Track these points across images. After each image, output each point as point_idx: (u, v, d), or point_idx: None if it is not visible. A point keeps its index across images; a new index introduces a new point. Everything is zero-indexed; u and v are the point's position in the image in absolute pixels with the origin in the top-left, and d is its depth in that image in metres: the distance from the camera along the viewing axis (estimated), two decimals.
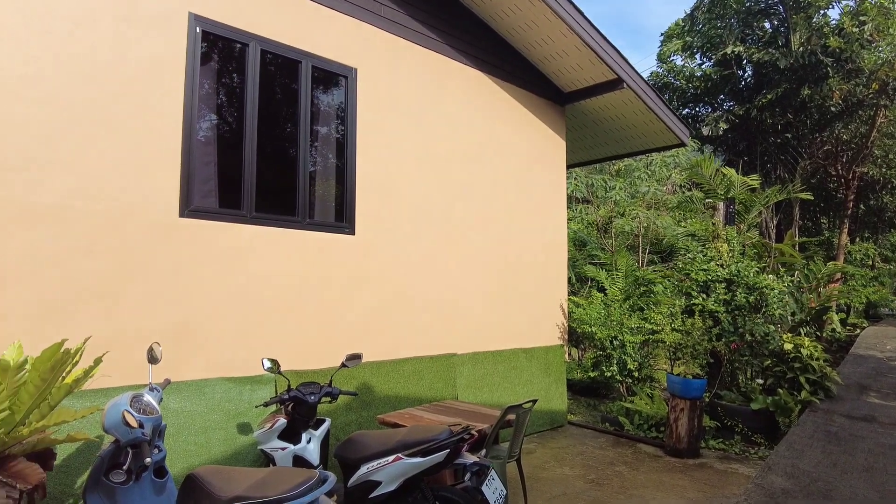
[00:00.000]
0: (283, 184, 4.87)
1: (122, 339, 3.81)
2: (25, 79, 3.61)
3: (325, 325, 4.94)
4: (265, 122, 4.74)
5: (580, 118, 7.95)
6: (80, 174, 3.77)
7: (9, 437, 2.45)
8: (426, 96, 5.90)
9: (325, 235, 4.99)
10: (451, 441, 3.35)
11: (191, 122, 4.26)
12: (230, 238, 4.41)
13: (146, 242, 4.02)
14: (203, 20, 4.34)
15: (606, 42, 6.45)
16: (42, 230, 3.62)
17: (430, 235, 5.86)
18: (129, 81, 4.00)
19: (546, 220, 7.25)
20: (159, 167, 4.11)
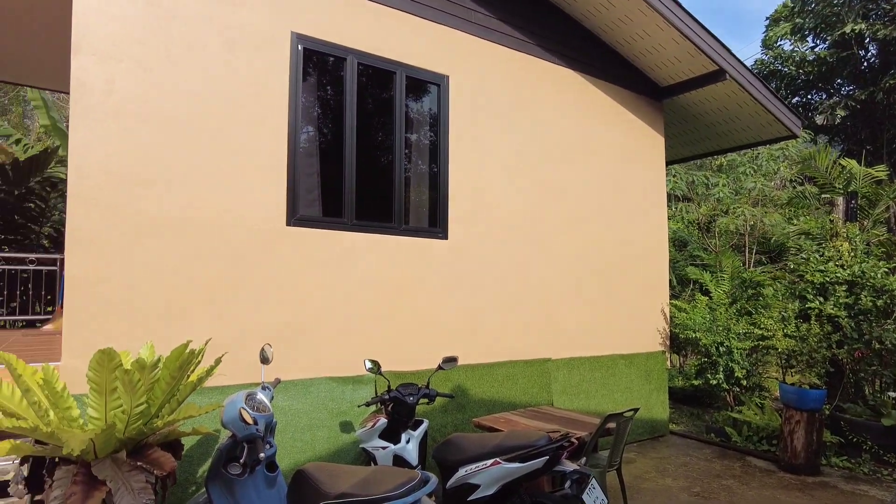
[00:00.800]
0: (380, 191, 5.04)
1: (235, 340, 4.11)
2: (149, 103, 3.99)
3: (420, 328, 5.05)
4: (363, 132, 4.93)
5: (679, 113, 7.58)
6: (196, 188, 4.12)
7: (146, 428, 2.72)
8: (517, 98, 5.88)
9: (420, 240, 5.11)
10: (551, 448, 3.31)
11: (295, 136, 4.51)
12: (332, 244, 4.63)
13: (256, 249, 4.30)
14: (304, 38, 4.58)
15: (706, 32, 6.11)
16: (165, 240, 3.98)
17: (524, 238, 5.82)
18: (238, 100, 4.31)
19: (645, 220, 6.98)
20: (268, 179, 4.39)
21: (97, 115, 3.80)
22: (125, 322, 3.79)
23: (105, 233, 3.79)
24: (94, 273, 3.74)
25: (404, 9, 5.15)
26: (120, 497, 2.51)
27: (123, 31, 3.91)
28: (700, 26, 6.04)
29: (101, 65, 3.84)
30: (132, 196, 3.89)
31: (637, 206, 6.91)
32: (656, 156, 7.19)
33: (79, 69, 3.78)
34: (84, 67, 3.79)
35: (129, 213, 3.87)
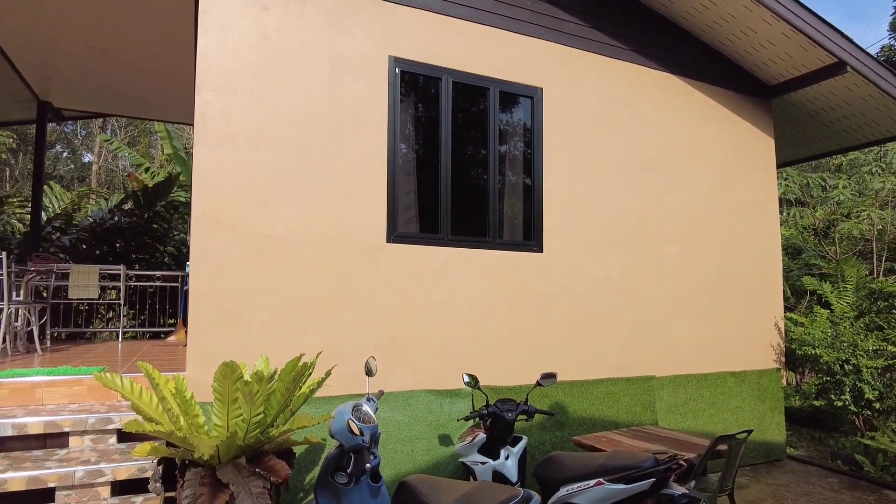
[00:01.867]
0: (475, 205, 5.09)
1: (340, 352, 4.29)
2: (261, 130, 4.29)
3: (517, 343, 5.03)
4: (457, 148, 5.02)
5: (790, 112, 7.05)
6: (303, 207, 4.37)
7: (263, 437, 2.91)
8: (614, 106, 5.73)
9: (515, 254, 5.10)
10: (658, 469, 3.17)
11: (394, 155, 4.68)
12: (430, 260, 4.74)
13: (359, 266, 4.49)
14: (401, 61, 4.75)
15: (822, 22, 5.64)
16: (276, 257, 4.25)
17: (624, 249, 5.64)
18: (341, 123, 4.53)
19: (754, 227, 6.54)
20: (369, 197, 4.57)
21: (216, 144, 4.15)
22: (241, 335, 4.08)
23: (224, 251, 4.11)
24: (214, 289, 4.06)
25: (496, 25, 5.20)
26: (241, 500, 2.69)
27: (238, 65, 4.25)
28: (814, 16, 5.60)
29: (220, 98, 4.19)
30: (247, 216, 4.20)
31: (746, 213, 6.48)
32: (766, 158, 6.72)
33: (201, 104, 4.15)
34: (206, 102, 4.16)
35: (244, 232, 4.17)
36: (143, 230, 9.26)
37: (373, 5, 4.72)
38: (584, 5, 5.68)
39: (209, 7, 4.22)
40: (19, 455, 3.44)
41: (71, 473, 3.18)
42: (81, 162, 25.11)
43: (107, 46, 6.28)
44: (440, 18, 4.97)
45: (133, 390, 2.99)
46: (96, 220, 9.11)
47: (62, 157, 25.26)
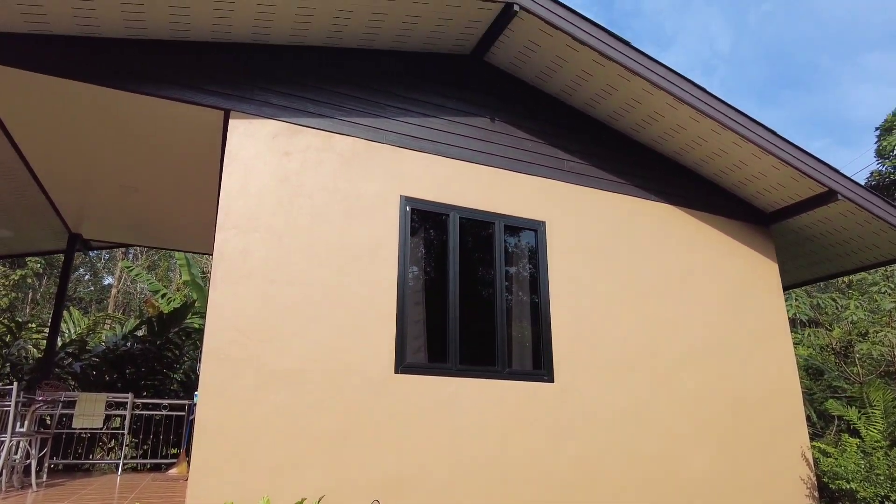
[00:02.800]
0: (483, 335, 5.13)
1: (345, 492, 4.12)
2: (277, 266, 4.48)
3: (528, 480, 4.81)
4: (465, 280, 5.16)
5: (790, 237, 7.25)
6: (312, 340, 4.42)
7: None
8: (617, 237, 5.95)
9: (525, 384, 5.04)
10: None
11: (403, 287, 4.82)
12: (438, 391, 4.69)
13: (366, 398, 4.45)
14: (412, 199, 5.05)
15: (807, 155, 5.99)
16: (283, 392, 4.24)
17: (635, 378, 5.56)
18: (353, 258, 4.73)
19: (768, 352, 6.45)
20: (378, 329, 4.64)
21: (233, 279, 4.32)
22: (244, 472, 3.97)
23: (232, 384, 4.11)
24: (220, 423, 4.01)
25: (500, 165, 5.58)
26: None
27: (259, 206, 4.54)
28: (799, 150, 5.95)
29: (239, 236, 4.42)
30: (257, 350, 4.25)
31: (758, 338, 6.44)
32: (772, 283, 6.80)
33: (221, 241, 4.38)
34: (226, 240, 4.39)
35: (254, 366, 4.20)
36: (154, 356, 9.29)
37: (386, 151, 5.12)
38: (582, 145, 6.11)
39: (235, 153, 4.60)
40: None
41: None
42: (101, 285, 25.79)
43: (139, 186, 6.74)
44: (448, 161, 5.35)
45: None
46: (109, 347, 9.20)
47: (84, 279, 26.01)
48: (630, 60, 5.33)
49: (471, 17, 5.23)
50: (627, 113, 6.08)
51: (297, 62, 5.07)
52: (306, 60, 5.11)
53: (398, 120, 5.27)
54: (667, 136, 6.24)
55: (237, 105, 4.72)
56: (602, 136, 6.31)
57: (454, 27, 5.34)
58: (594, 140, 6.23)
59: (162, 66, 4.59)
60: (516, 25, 5.29)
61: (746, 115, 5.77)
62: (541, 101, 6.11)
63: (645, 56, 5.40)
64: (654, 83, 5.43)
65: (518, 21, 5.21)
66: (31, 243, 8.87)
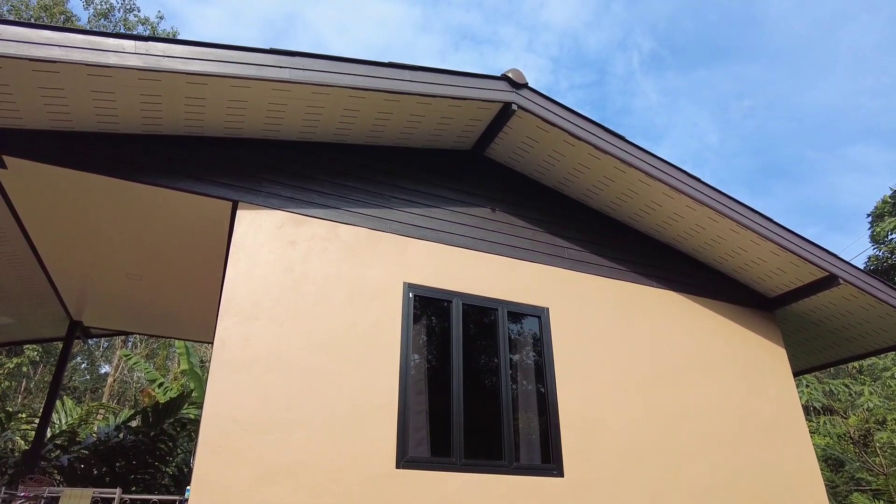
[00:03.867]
0: (488, 425, 4.97)
1: None
2: (278, 354, 4.42)
3: None
4: (469, 366, 5.08)
5: (795, 322, 7.20)
6: (312, 431, 4.28)
7: None
8: (619, 323, 5.92)
9: (533, 480, 4.82)
10: None
11: (406, 375, 4.73)
12: (441, 487, 4.48)
13: (366, 495, 4.24)
14: (415, 286, 5.08)
15: (805, 241, 6.08)
16: (279, 487, 4.04)
17: (646, 470, 5.32)
18: (355, 345, 4.68)
19: (784, 442, 6.20)
20: (379, 419, 4.51)
21: (232, 368, 4.25)
22: None
23: (227, 478, 3.94)
24: None
25: (501, 253, 5.65)
26: None
27: (262, 293, 4.56)
28: (796, 235, 6.05)
29: (241, 324, 4.41)
30: (255, 442, 4.10)
31: (772, 427, 6.22)
32: (781, 368, 6.67)
33: (223, 329, 4.36)
34: (227, 328, 4.37)
35: (250, 458, 4.04)
36: (147, 449, 8.95)
37: (390, 239, 5.21)
38: (581, 233, 6.22)
39: (241, 242, 4.68)
40: None
41: None
42: (98, 374, 25.34)
43: (143, 274, 6.81)
44: (450, 249, 5.43)
45: None
46: (100, 438, 8.88)
47: (80, 368, 25.58)
48: (624, 153, 5.54)
49: (471, 116, 5.51)
50: (625, 203, 6.24)
51: (304, 156, 5.27)
52: (314, 154, 5.32)
53: (402, 210, 5.40)
54: (665, 224, 6.36)
55: (245, 196, 4.87)
56: (601, 224, 6.44)
57: (455, 125, 5.61)
58: (593, 228, 6.35)
59: (175, 160, 4.78)
60: (514, 123, 5.55)
61: (741, 202, 5.92)
62: (540, 191, 6.29)
63: (639, 149, 5.62)
64: (649, 174, 5.61)
65: (516, 119, 5.47)
66: (32, 330, 8.82)
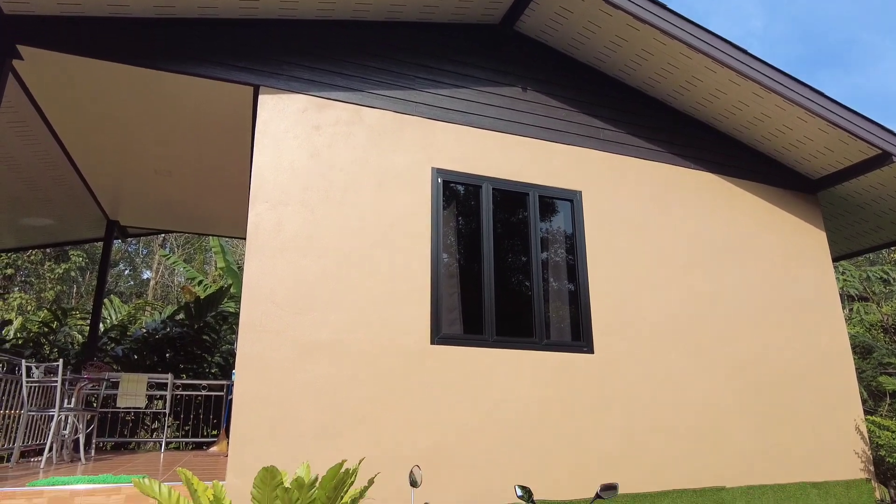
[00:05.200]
0: (520, 306, 5.04)
1: (382, 462, 4.09)
2: (310, 238, 4.46)
3: (570, 451, 4.72)
4: (500, 250, 5.07)
5: (839, 205, 6.93)
6: (348, 313, 4.40)
7: None
8: (654, 206, 5.76)
9: (564, 355, 4.93)
10: None
11: (437, 258, 4.75)
12: (474, 362, 4.63)
13: (403, 369, 4.41)
14: (443, 171, 4.97)
15: (859, 116, 5.68)
16: (319, 363, 4.23)
17: (678, 349, 5.39)
18: (386, 230, 4.68)
19: (818, 324, 6.18)
20: (413, 300, 4.59)
21: (267, 253, 4.32)
22: (283, 442, 3.98)
23: (269, 356, 4.13)
24: (258, 394, 4.03)
25: (533, 135, 5.45)
26: None
27: (291, 180, 4.53)
28: (849, 110, 5.65)
29: (272, 210, 4.42)
30: (294, 322, 4.25)
31: (806, 309, 6.17)
32: (820, 253, 6.51)
33: (254, 216, 4.39)
34: (259, 213, 4.39)
35: (291, 337, 4.21)
36: (192, 340, 9.48)
37: (417, 123, 5.04)
38: (617, 113, 5.92)
39: (265, 128, 4.59)
40: None
41: None
42: (140, 279, 26.51)
43: (172, 169, 6.83)
44: (479, 132, 5.25)
45: (171, 497, 2.89)
46: (149, 331, 9.41)
47: (123, 274, 26.76)
48: (665, 23, 5.12)
49: None
50: (664, 79, 5.87)
51: (323, 36, 5.02)
52: (333, 34, 5.05)
53: (428, 91, 5.18)
54: (706, 101, 6.00)
55: (266, 80, 4.71)
56: (638, 102, 6.11)
57: None
58: (630, 107, 6.04)
59: (190, 44, 4.60)
60: None
61: (791, 76, 5.50)
62: (574, 69, 5.94)
63: (681, 18, 5.18)
64: (692, 45, 5.21)
65: None
66: (72, 231, 9.10)
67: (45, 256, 19.61)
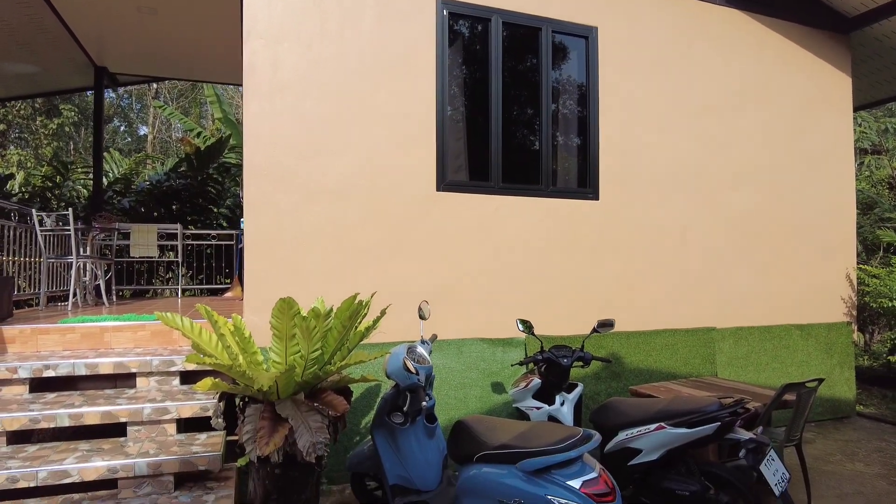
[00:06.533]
0: (527, 153, 4.94)
1: (391, 300, 4.27)
2: (310, 78, 4.24)
3: (571, 292, 4.91)
4: (508, 93, 4.85)
5: (871, 46, 6.49)
6: (353, 157, 4.33)
7: (321, 372, 2.93)
8: (672, 46, 5.40)
9: (569, 202, 4.94)
10: (723, 414, 3.05)
11: (443, 101, 4.56)
12: (481, 208, 4.64)
13: (409, 213, 4.44)
14: (448, 3, 4.58)
15: None
16: (326, 206, 4.25)
17: (683, 197, 5.38)
18: (388, 70, 4.43)
19: (826, 175, 6.11)
20: (418, 145, 4.49)
21: (265, 93, 4.14)
22: (296, 282, 4.13)
23: (276, 200, 4.13)
24: (268, 237, 4.10)
25: None
26: (300, 434, 2.73)
27: (285, 14, 4.19)
28: None
29: (268, 47, 4.15)
30: (298, 166, 4.19)
31: (817, 159, 6.06)
32: (842, 100, 6.24)
33: (249, 53, 4.13)
34: (254, 51, 4.13)
35: (296, 182, 4.18)
36: (197, 192, 9.50)
37: None
38: None
39: None
40: (92, 393, 3.61)
41: (140, 410, 3.32)
42: (137, 135, 25.98)
43: (157, 6, 6.33)
44: None
45: (193, 329, 3.06)
46: (153, 183, 9.40)
47: (119, 131, 26.18)
48: None
49: None
50: None
51: None
52: None
53: None
54: None
55: None
56: None
57: None
58: None
59: None
60: None
61: None
62: None
63: None
64: None
65: None
66: (59, 79, 8.70)
67: (36, 111, 19.01)
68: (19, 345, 3.90)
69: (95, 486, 3.06)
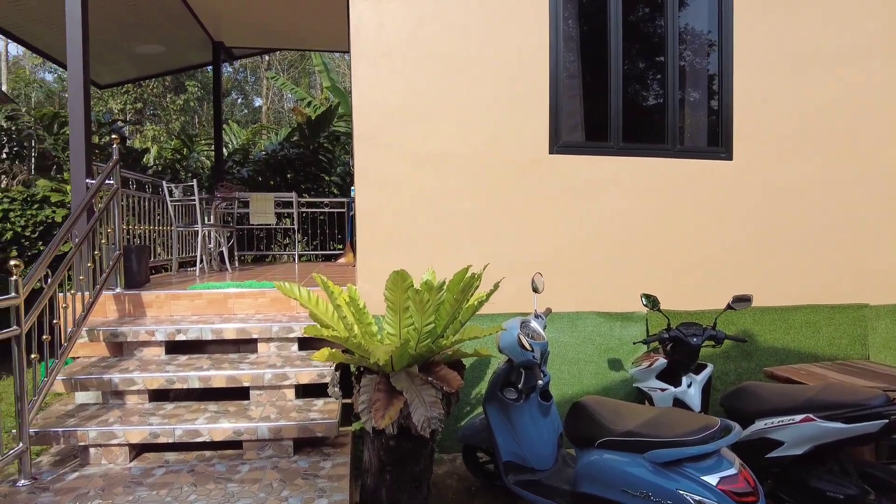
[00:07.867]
0: (650, 108, 4.51)
1: (501, 270, 4.10)
2: (415, 39, 4.09)
3: (699, 264, 4.48)
4: (629, 44, 4.41)
5: None
6: (460, 120, 4.15)
7: (434, 346, 2.86)
8: None
9: (698, 163, 4.46)
10: (891, 410, 2.62)
11: (556, 58, 4.23)
12: (598, 171, 4.32)
13: (520, 178, 4.22)
14: None
15: None
16: (433, 173, 4.14)
17: (828, 154, 4.65)
18: (496, 25, 4.17)
19: None
20: (528, 105, 4.22)
21: (371, 57, 4.06)
22: (404, 251, 4.08)
23: (384, 168, 4.08)
24: (377, 206, 4.08)
25: None
26: (415, 408, 2.68)
27: None
28: None
29: (373, 9, 4.04)
30: (405, 133, 4.09)
31: None
32: None
33: (356, 17, 4.05)
34: (359, 14, 4.05)
35: (403, 149, 4.09)
36: (309, 160, 9.83)
37: None
38: None
39: None
40: (218, 357, 3.82)
41: (261, 375, 3.45)
42: (253, 106, 27.52)
43: None
44: None
45: (310, 298, 3.09)
46: (269, 153, 9.84)
47: (237, 103, 27.85)
48: None
49: None
50: None
51: None
52: None
53: None
54: None
55: None
56: None
57: None
58: None
59: None
60: None
61: None
62: None
63: None
64: None
65: None
66: (182, 56, 9.22)
67: (165, 89, 20.65)
68: (155, 309, 4.20)
69: (223, 446, 3.24)
